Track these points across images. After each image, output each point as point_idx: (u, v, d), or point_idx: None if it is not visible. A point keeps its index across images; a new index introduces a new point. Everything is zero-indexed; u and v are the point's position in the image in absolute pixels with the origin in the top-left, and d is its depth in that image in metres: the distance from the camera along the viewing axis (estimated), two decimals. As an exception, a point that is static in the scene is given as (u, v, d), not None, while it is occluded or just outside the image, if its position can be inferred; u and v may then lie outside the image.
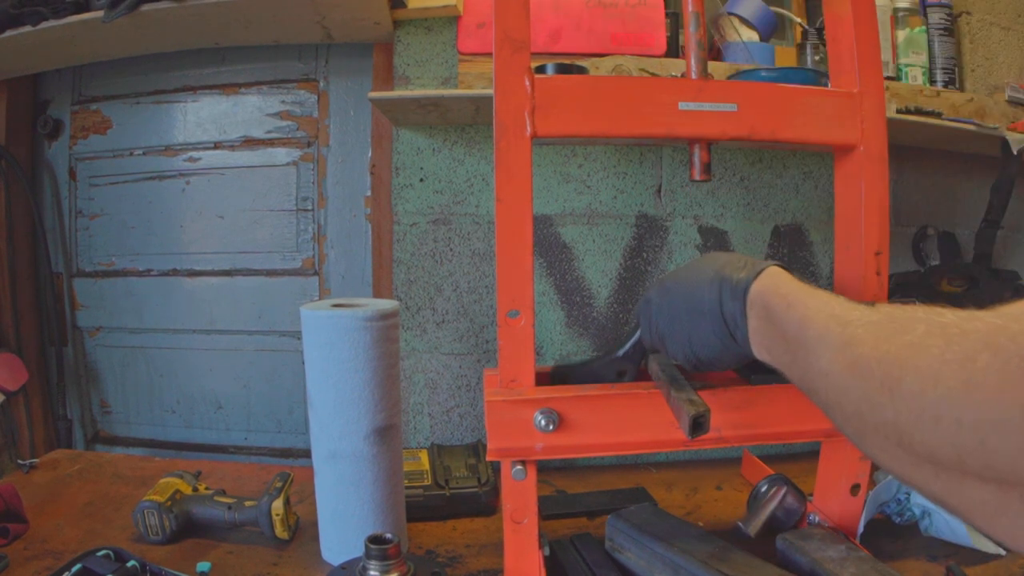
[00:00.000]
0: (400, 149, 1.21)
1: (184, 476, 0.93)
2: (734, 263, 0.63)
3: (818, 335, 0.48)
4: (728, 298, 0.61)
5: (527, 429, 0.71)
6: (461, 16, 1.18)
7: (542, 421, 0.70)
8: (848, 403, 0.43)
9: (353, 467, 0.80)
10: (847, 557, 0.74)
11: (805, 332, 0.49)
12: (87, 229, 1.44)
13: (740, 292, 0.60)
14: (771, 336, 0.56)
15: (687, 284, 0.66)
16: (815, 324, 0.49)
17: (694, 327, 0.64)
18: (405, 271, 1.22)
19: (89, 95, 1.42)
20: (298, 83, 1.36)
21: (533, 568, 0.75)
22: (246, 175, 1.38)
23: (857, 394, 0.42)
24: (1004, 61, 1.35)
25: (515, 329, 0.71)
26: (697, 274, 0.65)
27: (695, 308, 0.64)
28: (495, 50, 0.69)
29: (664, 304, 0.69)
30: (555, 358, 1.23)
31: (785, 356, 0.54)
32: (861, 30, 0.78)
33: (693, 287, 0.65)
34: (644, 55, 1.17)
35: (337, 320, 0.78)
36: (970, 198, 1.37)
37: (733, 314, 0.60)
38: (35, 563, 0.80)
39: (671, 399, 0.66)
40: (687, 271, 0.68)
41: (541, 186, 1.20)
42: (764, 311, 0.57)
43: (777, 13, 1.24)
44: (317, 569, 0.82)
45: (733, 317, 0.60)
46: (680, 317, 0.66)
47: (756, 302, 0.58)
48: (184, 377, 1.43)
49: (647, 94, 0.73)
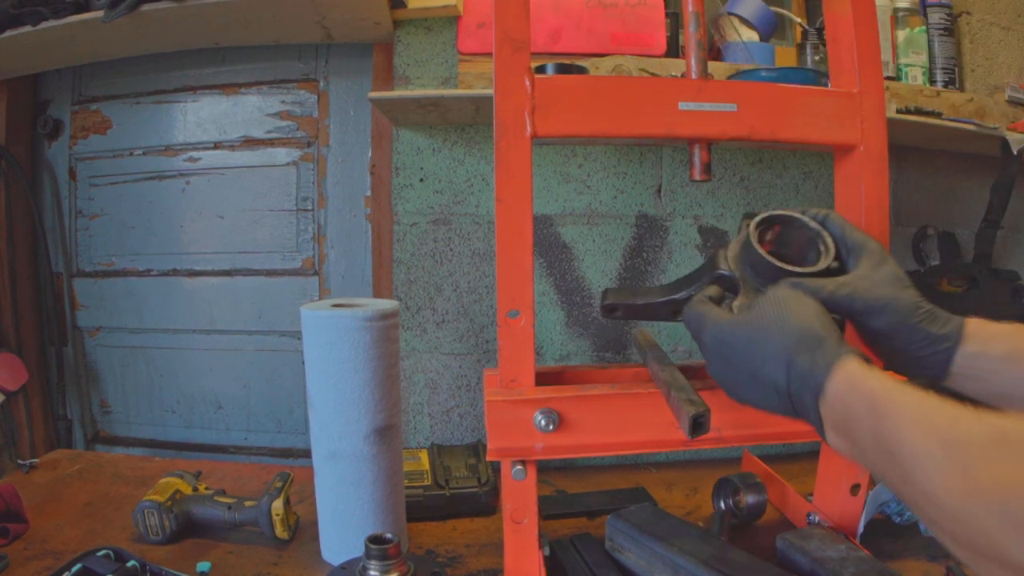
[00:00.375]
0: (400, 149, 1.21)
1: (184, 476, 0.93)
2: (805, 342, 0.54)
3: (917, 454, 0.42)
4: (798, 387, 0.54)
5: (527, 429, 0.71)
6: (461, 16, 1.18)
7: (542, 421, 0.70)
8: (962, 532, 0.39)
9: (353, 467, 0.80)
10: (847, 557, 0.74)
11: (900, 448, 0.44)
12: (87, 229, 1.44)
13: (813, 388, 0.52)
14: (852, 437, 0.50)
15: (748, 355, 0.58)
16: (911, 440, 0.43)
17: (755, 392, 0.58)
18: (405, 271, 1.22)
19: (89, 95, 1.42)
20: (298, 83, 1.36)
21: (533, 568, 0.75)
22: (246, 175, 1.38)
23: (975, 526, 0.38)
24: (1004, 61, 1.35)
25: (515, 329, 0.71)
26: (759, 346, 0.57)
27: (758, 379, 0.57)
28: (495, 50, 0.69)
29: (720, 360, 0.61)
30: (554, 358, 1.23)
31: (873, 461, 0.48)
32: (861, 30, 0.78)
33: (756, 361, 0.57)
34: (644, 55, 1.17)
35: (337, 320, 0.78)
36: (970, 198, 1.37)
37: (803, 403, 0.54)
38: (35, 563, 0.80)
39: (671, 399, 0.66)
40: (748, 331, 0.58)
41: (541, 186, 1.20)
42: (844, 413, 0.50)
43: (777, 13, 1.24)
44: (317, 569, 0.82)
45: (803, 405, 0.54)
46: (740, 380, 0.59)
47: (834, 403, 0.51)
48: (184, 377, 1.43)
49: (647, 94, 0.73)
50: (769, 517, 0.97)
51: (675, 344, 1.24)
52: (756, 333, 0.57)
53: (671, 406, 0.66)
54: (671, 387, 0.66)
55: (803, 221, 0.67)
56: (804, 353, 0.53)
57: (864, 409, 0.48)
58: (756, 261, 0.65)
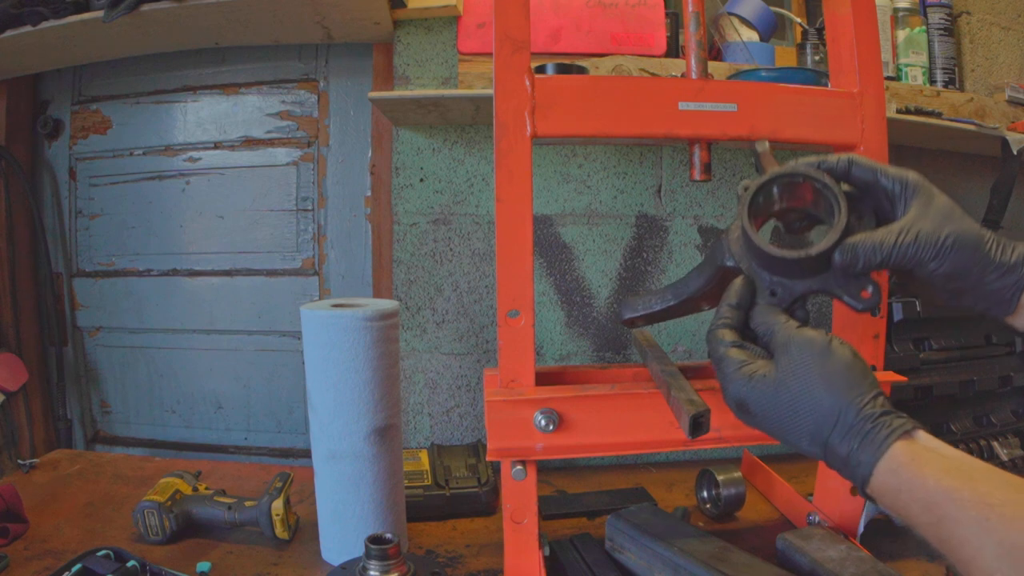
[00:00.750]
0: (400, 149, 1.21)
1: (184, 476, 0.93)
2: (842, 425, 0.49)
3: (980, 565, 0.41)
4: (838, 466, 0.50)
5: (527, 429, 0.71)
6: (461, 16, 1.18)
7: (542, 421, 0.70)
8: None
9: (353, 467, 0.80)
10: (847, 557, 0.74)
11: (960, 549, 0.42)
12: (87, 229, 1.44)
13: (856, 477, 0.49)
14: (904, 516, 0.47)
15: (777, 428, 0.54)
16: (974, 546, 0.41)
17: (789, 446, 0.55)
18: (405, 271, 1.22)
19: (89, 95, 1.42)
20: (298, 83, 1.36)
21: (533, 568, 0.75)
22: (246, 175, 1.38)
23: None
24: (1004, 61, 1.35)
25: (515, 329, 0.71)
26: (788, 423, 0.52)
27: (791, 444, 0.54)
28: (495, 50, 0.69)
29: (745, 416, 0.56)
30: (554, 358, 1.23)
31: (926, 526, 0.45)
32: (861, 30, 0.78)
33: (787, 435, 0.53)
34: (644, 55, 1.17)
35: (337, 320, 0.78)
36: (970, 198, 1.36)
37: (849, 477, 0.50)
38: (35, 563, 0.80)
39: (671, 399, 0.66)
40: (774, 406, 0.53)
41: (541, 186, 1.20)
42: (893, 502, 0.47)
43: (777, 13, 1.24)
44: (317, 569, 0.82)
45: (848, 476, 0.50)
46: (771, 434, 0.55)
47: (883, 493, 0.48)
48: (184, 377, 1.43)
49: (647, 94, 0.73)
50: (769, 517, 0.97)
51: (675, 344, 1.24)
52: (783, 410, 0.52)
53: (671, 406, 0.66)
54: (671, 387, 0.66)
55: (803, 175, 0.58)
56: (841, 439, 0.49)
57: (919, 507, 0.45)
58: (757, 254, 0.57)
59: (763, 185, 0.59)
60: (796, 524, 0.92)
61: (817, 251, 0.55)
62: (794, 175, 0.58)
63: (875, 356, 0.81)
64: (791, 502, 0.96)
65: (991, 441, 1.05)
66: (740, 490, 0.96)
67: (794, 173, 0.58)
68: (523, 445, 0.71)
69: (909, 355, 1.07)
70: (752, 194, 0.59)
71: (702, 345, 1.24)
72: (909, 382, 1.05)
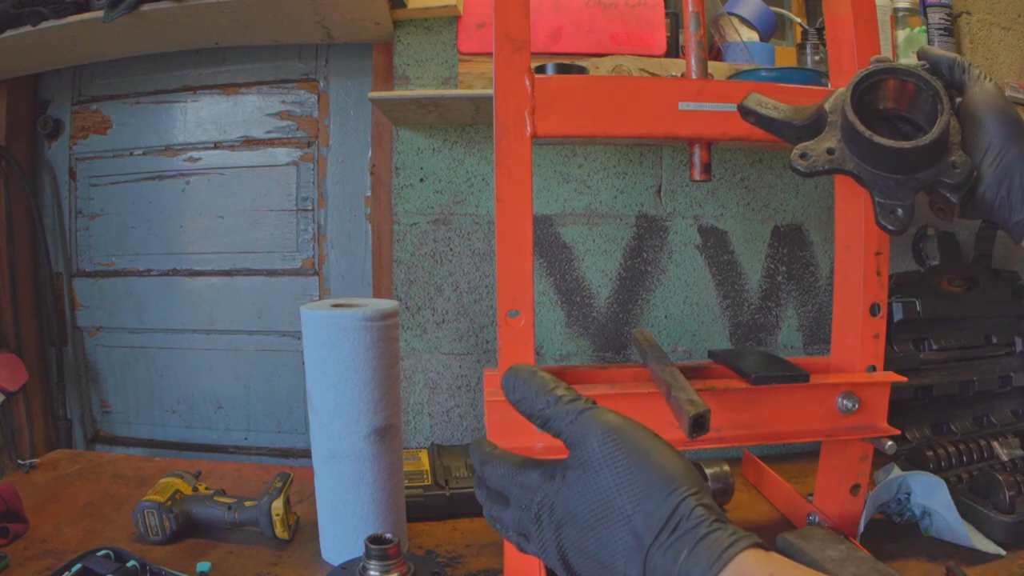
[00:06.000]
0: (400, 149, 1.21)
1: (184, 476, 0.93)
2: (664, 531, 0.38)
3: None
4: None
5: (527, 429, 0.70)
6: (461, 16, 1.18)
7: (542, 421, 0.70)
8: None
9: (353, 467, 0.80)
10: (847, 557, 0.74)
11: None
12: (87, 229, 1.44)
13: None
14: None
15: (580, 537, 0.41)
16: None
17: None
18: (405, 271, 1.22)
19: (89, 95, 1.42)
20: (298, 83, 1.36)
21: (533, 568, 0.75)
22: (246, 175, 1.38)
23: None
24: (1004, 61, 1.35)
25: (515, 329, 0.71)
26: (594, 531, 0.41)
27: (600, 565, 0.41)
28: (495, 50, 0.69)
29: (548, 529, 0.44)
30: (554, 358, 1.23)
31: None
32: (861, 30, 0.78)
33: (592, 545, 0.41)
34: (644, 55, 1.17)
35: (337, 320, 0.78)
36: (970, 198, 1.36)
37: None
38: (35, 563, 0.80)
39: (671, 399, 0.66)
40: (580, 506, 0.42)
41: (541, 186, 1.20)
42: None
43: (777, 13, 1.24)
44: (317, 569, 0.82)
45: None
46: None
47: None
48: (184, 377, 1.43)
49: (647, 94, 0.73)
50: (769, 517, 0.97)
51: (675, 344, 1.24)
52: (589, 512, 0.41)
53: (671, 406, 0.66)
54: (671, 387, 0.66)
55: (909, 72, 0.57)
56: (665, 551, 0.37)
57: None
58: (863, 144, 0.56)
59: (869, 75, 0.58)
60: (796, 524, 0.92)
61: (929, 139, 0.54)
62: (897, 71, 0.58)
63: (875, 356, 0.81)
64: (791, 502, 0.96)
65: (991, 441, 1.05)
66: (728, 483, 0.96)
67: (896, 69, 0.58)
68: (523, 445, 0.71)
69: (909, 355, 1.07)
70: (855, 83, 0.58)
71: (702, 345, 1.24)
72: (909, 382, 1.05)
